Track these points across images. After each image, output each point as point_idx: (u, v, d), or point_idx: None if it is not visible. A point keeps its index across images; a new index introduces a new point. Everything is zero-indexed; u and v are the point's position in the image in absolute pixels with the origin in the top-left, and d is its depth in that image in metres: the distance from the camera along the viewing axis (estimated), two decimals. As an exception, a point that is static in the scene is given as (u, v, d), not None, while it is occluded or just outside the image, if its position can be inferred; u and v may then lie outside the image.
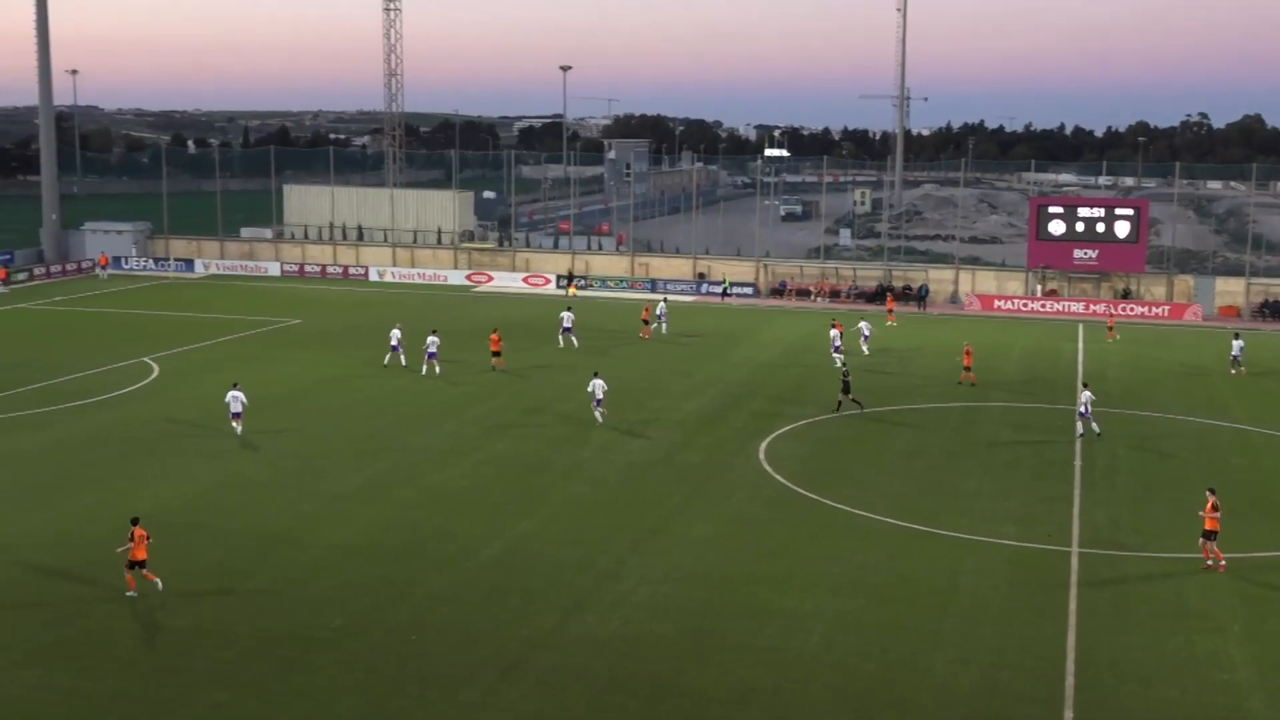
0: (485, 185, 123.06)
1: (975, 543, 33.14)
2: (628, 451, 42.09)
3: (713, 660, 25.61)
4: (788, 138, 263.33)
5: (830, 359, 56.68)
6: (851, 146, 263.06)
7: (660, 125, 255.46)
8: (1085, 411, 44.39)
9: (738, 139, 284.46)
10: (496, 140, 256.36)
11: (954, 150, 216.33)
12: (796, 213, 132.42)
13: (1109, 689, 24.61)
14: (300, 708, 23.36)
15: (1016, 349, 64.26)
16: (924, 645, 26.53)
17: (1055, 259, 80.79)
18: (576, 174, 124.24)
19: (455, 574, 30.24)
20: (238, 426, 42.58)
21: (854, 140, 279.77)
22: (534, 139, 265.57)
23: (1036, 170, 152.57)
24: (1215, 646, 26.69)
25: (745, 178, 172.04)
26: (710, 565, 31.19)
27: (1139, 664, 25.74)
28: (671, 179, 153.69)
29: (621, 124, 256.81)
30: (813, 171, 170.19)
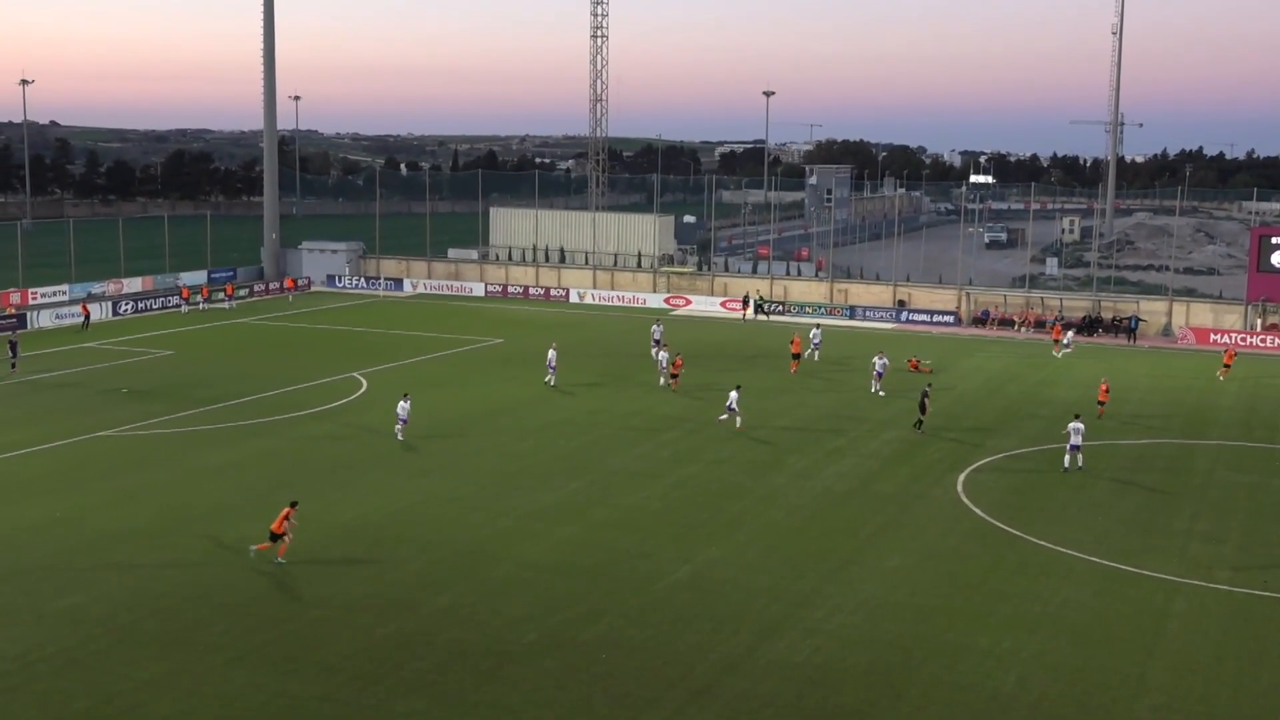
0: (685, 209, 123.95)
1: (1185, 585, 31.79)
2: (823, 479, 41.72)
3: (905, 694, 25.14)
4: (993, 164, 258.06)
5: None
6: (1060, 173, 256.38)
7: (862, 151, 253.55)
8: (1076, 443, 42.65)
9: (941, 165, 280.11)
10: (698, 165, 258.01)
11: (1170, 178, 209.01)
12: (1001, 240, 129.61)
13: (1329, 747, 23.30)
14: (491, 719, 23.78)
15: (1234, 384, 61.53)
16: (1127, 691, 25.54)
17: (1277, 292, 77.15)
18: (777, 199, 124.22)
19: (646, 595, 30.39)
20: (399, 433, 45.38)
21: (1063, 167, 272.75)
22: (735, 164, 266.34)
23: (1259, 199, 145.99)
24: None
25: (949, 204, 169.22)
26: (904, 597, 30.65)
27: (1363, 722, 24.31)
28: (873, 205, 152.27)
29: (823, 149, 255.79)
30: (1019, 199, 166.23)
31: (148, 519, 35.85)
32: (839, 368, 62.85)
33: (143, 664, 25.89)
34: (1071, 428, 42.78)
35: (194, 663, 25.98)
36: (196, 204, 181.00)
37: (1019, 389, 59.13)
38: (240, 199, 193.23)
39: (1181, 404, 55.49)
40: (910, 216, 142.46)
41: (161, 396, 53.04)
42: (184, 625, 28.00)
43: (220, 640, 27.16)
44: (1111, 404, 52.72)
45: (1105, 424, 50.17)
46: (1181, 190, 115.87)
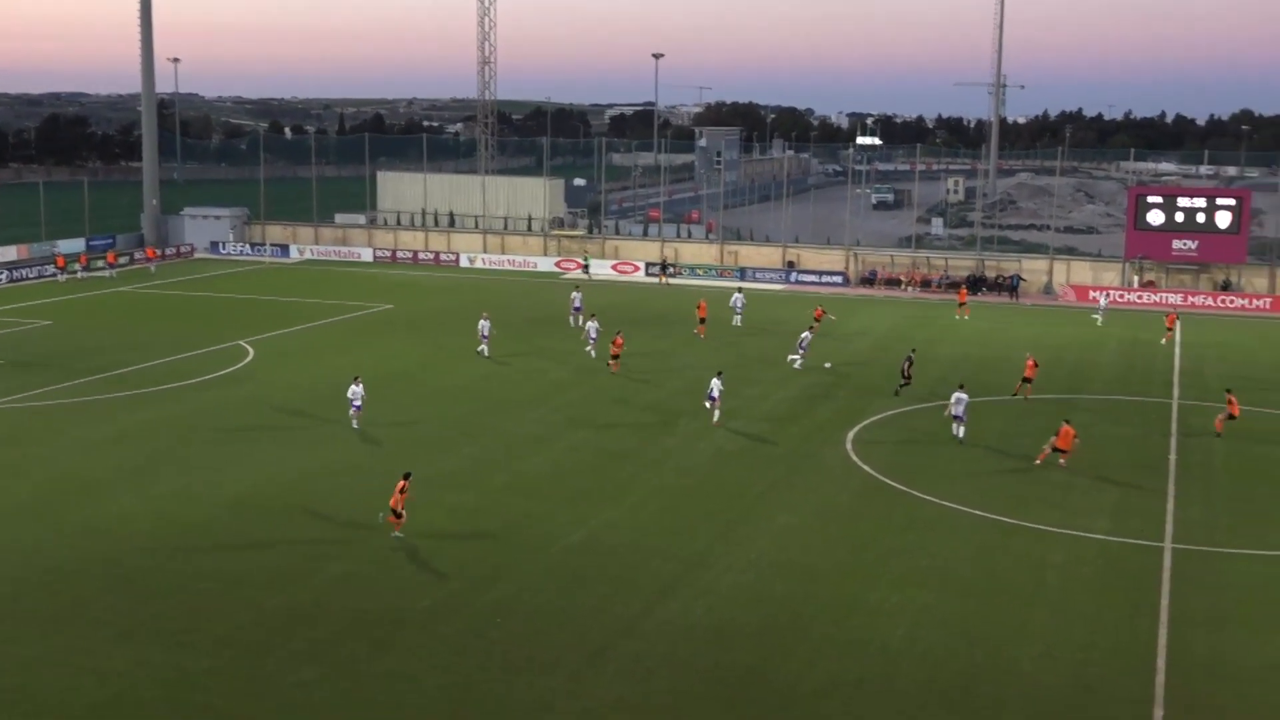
0: (576, 173, 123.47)
1: (1066, 536, 32.70)
2: (715, 440, 42.08)
3: (797, 651, 25.56)
4: (880, 126, 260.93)
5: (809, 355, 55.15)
6: (945, 135, 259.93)
7: (751, 113, 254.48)
8: (959, 413, 41.92)
9: (830, 127, 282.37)
10: (588, 128, 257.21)
11: (1050, 139, 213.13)
12: (888, 201, 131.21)
13: (1201, 689, 24.19)
14: (387, 687, 23.70)
15: (1112, 341, 63.20)
16: (1011, 640, 26.25)
17: (1153, 250, 79.32)
18: (667, 162, 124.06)
19: (542, 560, 30.47)
20: (355, 421, 42.53)
21: (948, 128, 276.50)
22: (625, 127, 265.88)
23: (1135, 159, 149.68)
24: (1313, 648, 26.12)
25: (837, 166, 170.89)
26: (796, 555, 31.12)
27: (1233, 664, 25.26)
28: (762, 167, 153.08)
29: (713, 112, 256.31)
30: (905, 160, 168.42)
31: (29, 493, 35.02)
32: (749, 333, 63.25)
33: (26, 641, 25.36)
34: (955, 398, 42.34)
35: (79, 639, 25.51)
36: (73, 170, 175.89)
37: (906, 348, 59.99)
38: (119, 164, 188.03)
39: (1062, 361, 56.84)
40: (799, 178, 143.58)
41: (41, 368, 51.70)
42: (68, 601, 27.46)
43: (106, 615, 26.68)
44: (994, 361, 53.83)
45: (990, 379, 51.23)
46: (1062, 151, 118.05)
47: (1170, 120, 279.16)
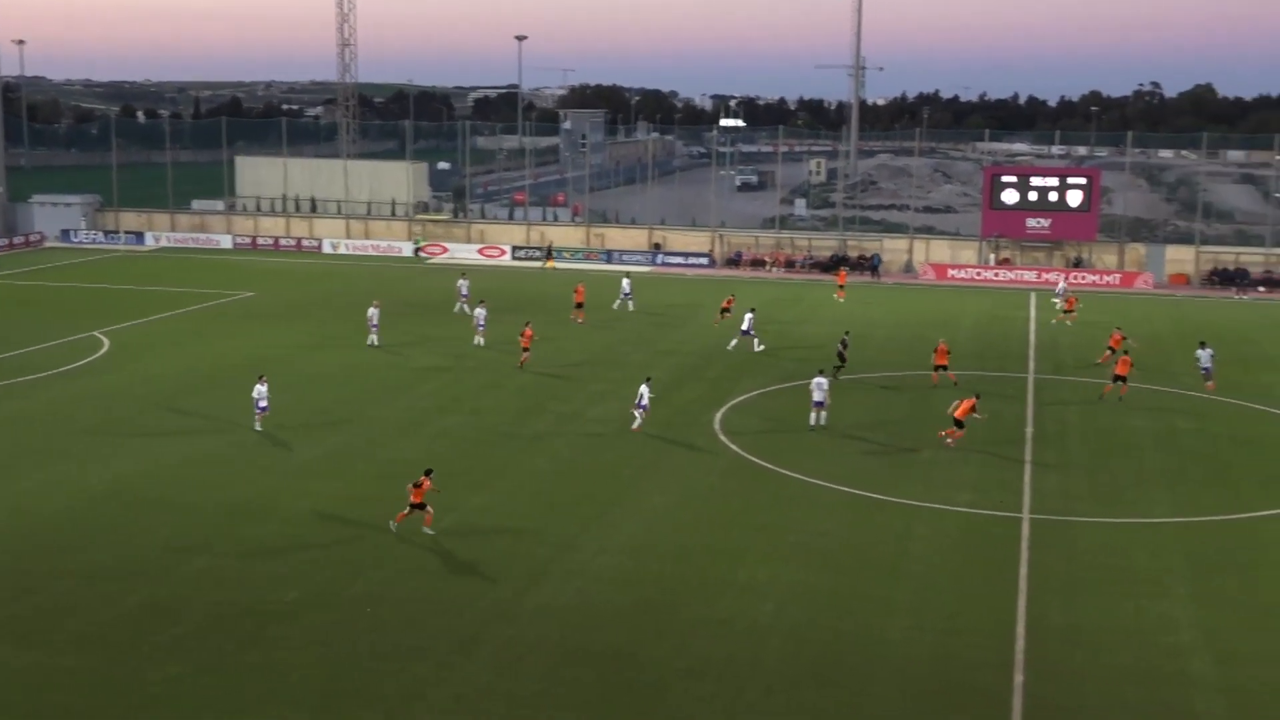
0: (440, 156, 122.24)
1: (929, 510, 33.43)
2: (584, 424, 42.14)
3: (668, 631, 25.76)
4: (743, 108, 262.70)
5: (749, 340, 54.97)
6: (807, 116, 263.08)
7: (616, 95, 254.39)
8: (819, 399, 41.31)
9: (694, 109, 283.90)
10: (451, 111, 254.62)
11: (909, 120, 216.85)
12: (752, 183, 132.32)
13: (1059, 653, 24.95)
14: (254, 681, 23.32)
15: (969, 318, 64.73)
16: (878, 613, 26.79)
17: (1008, 228, 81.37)
18: (532, 145, 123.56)
19: (412, 548, 30.21)
20: (258, 423, 40.32)
21: (809, 110, 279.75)
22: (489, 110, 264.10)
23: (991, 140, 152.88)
24: (1162, 610, 27.12)
25: (701, 148, 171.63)
26: (666, 536, 31.33)
27: (1088, 629, 26.11)
28: (627, 149, 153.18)
29: (577, 94, 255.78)
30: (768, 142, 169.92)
31: None
32: (624, 317, 63.36)
33: (-128, 648, 24.41)
34: (815, 383, 41.79)
35: (-70, 643, 24.62)
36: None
37: (772, 328, 60.75)
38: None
39: (923, 338, 57.98)
40: (664, 160, 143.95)
41: (-118, 364, 49.67)
42: (-83, 605, 26.49)
43: (-41, 618, 25.80)
44: (856, 340, 54.68)
45: (852, 358, 52.08)
46: (919, 132, 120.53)
47: (1023, 101, 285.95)
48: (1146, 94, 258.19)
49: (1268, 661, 24.74)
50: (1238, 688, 23.66)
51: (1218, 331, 59.73)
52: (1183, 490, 35.59)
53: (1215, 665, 24.55)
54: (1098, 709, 22.86)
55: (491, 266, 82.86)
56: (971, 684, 23.72)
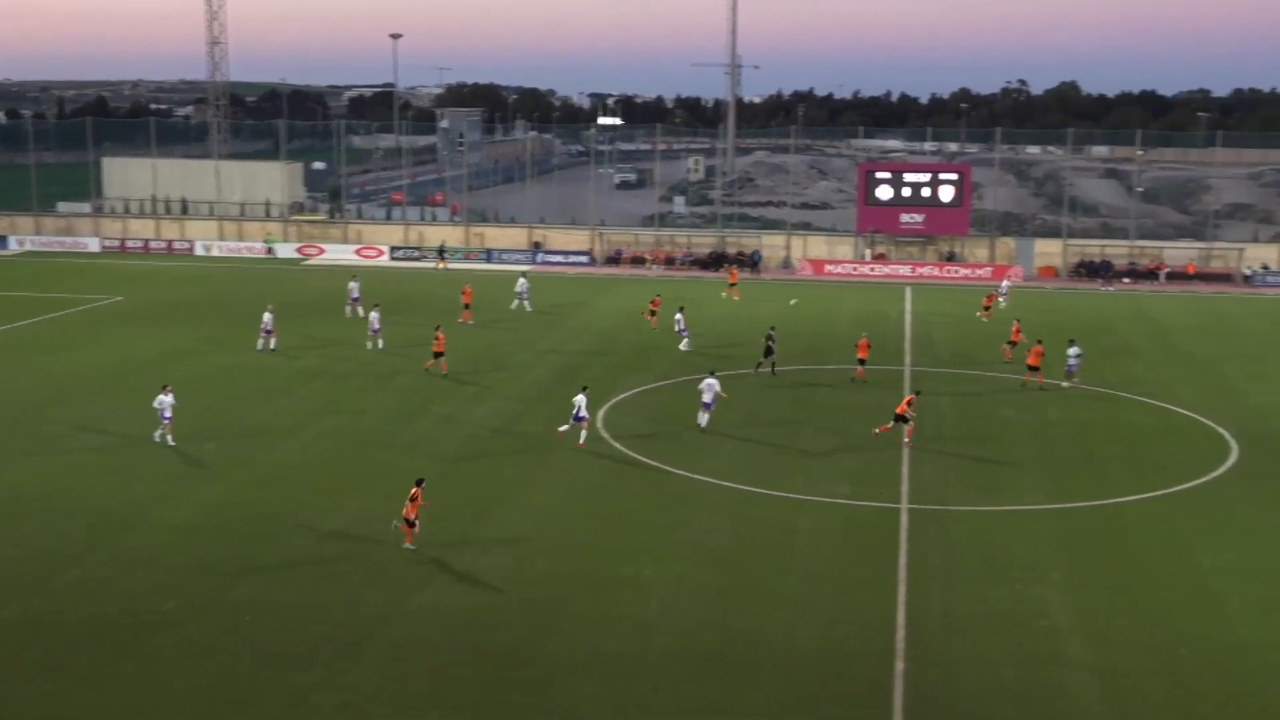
0: (315, 156, 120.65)
1: (810, 503, 33.87)
2: (468, 423, 41.91)
3: (555, 629, 25.77)
4: (621, 106, 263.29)
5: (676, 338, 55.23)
6: (685, 115, 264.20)
7: (493, 94, 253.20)
8: (708, 400, 40.89)
9: (571, 107, 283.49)
10: (325, 110, 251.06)
11: (785, 118, 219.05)
12: (631, 181, 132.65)
13: (938, 640, 25.48)
14: (133, 693, 22.81)
15: (846, 312, 65.68)
16: (763, 606, 27.08)
17: (883, 223, 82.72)
18: (409, 144, 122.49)
19: (293, 552, 29.79)
20: (168, 436, 38.53)
21: (687, 108, 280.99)
22: (364, 108, 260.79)
23: (865, 137, 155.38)
24: (1037, 595, 27.83)
25: (579, 146, 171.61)
26: (552, 535, 31.32)
27: (966, 615, 26.69)
28: (505, 148, 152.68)
29: (454, 93, 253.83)
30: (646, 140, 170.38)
31: None
32: (515, 316, 63.04)
33: None
34: (705, 384, 41.50)
35: None
36: None
37: (655, 325, 61.06)
38: None
39: (801, 335, 58.74)
40: (542, 159, 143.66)
41: None
42: None
43: None
44: (738, 335, 55.24)
45: (737, 353, 52.56)
46: (795, 129, 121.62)
47: (896, 99, 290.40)
48: (1014, 91, 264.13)
49: (1137, 642, 25.54)
50: (1109, 668, 24.39)
51: (1084, 322, 61.47)
52: (1054, 478, 36.55)
53: (1088, 647, 25.27)
54: (976, 693, 23.39)
55: (370, 267, 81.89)
56: (854, 673, 24.11)
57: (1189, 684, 23.78)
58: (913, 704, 22.88)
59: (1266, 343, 58.98)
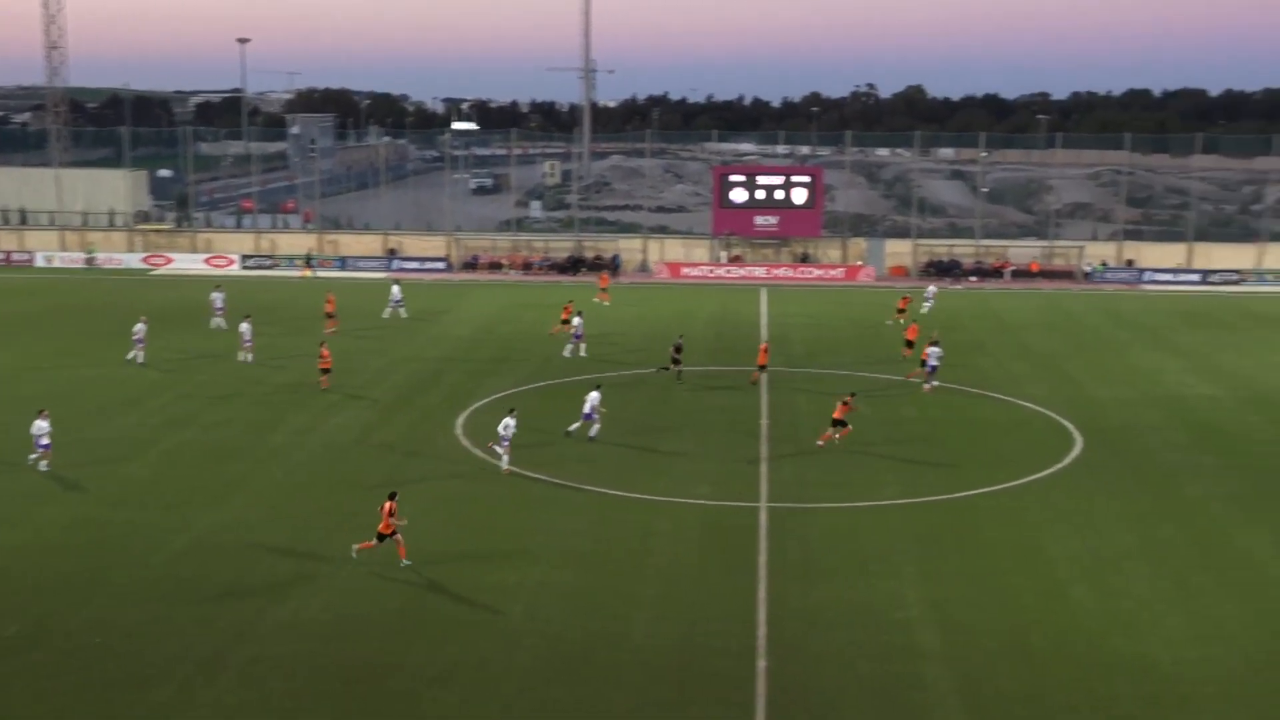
0: (160, 164, 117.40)
1: (671, 504, 34.10)
2: (324, 433, 41.30)
3: (418, 638, 25.54)
4: (476, 111, 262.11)
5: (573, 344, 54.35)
6: (540, 119, 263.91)
7: (345, 99, 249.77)
8: (588, 411, 40.61)
9: (425, 113, 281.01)
10: (171, 116, 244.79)
11: (640, 121, 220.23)
12: (487, 186, 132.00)
13: (798, 635, 25.86)
14: (-23, 723, 22.02)
15: (703, 314, 66.27)
16: (625, 608, 27.19)
17: (738, 226, 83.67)
18: (259, 150, 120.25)
19: (143, 571, 29.01)
20: (42, 463, 36.67)
21: (542, 113, 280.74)
22: (212, 114, 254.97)
23: (719, 140, 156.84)
24: (893, 588, 28.42)
25: (434, 152, 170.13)
26: (413, 544, 30.93)
27: (825, 610, 27.14)
28: (358, 154, 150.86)
29: (304, 98, 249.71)
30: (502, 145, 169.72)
31: None
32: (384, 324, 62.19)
33: None
34: (589, 397, 40.99)
35: None
36: None
37: (512, 330, 60.97)
38: None
39: (660, 336, 59.07)
40: (397, 165, 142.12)
41: None
42: None
43: None
44: (595, 338, 55.33)
45: (602, 351, 52.66)
46: (650, 133, 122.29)
47: (748, 103, 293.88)
48: (863, 95, 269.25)
49: (989, 631, 26.25)
50: (962, 657, 25.02)
51: (934, 320, 62.87)
52: (908, 473, 37.37)
53: (941, 637, 25.89)
54: (836, 686, 23.80)
55: (221, 276, 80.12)
56: (717, 671, 24.35)
57: (1039, 671, 24.51)
58: (774, 699, 23.19)
59: (1106, 337, 61.09)
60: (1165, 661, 24.91)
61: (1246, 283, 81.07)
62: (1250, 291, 78.85)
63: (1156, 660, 24.98)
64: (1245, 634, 26.15)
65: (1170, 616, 27.06)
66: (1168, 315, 68.00)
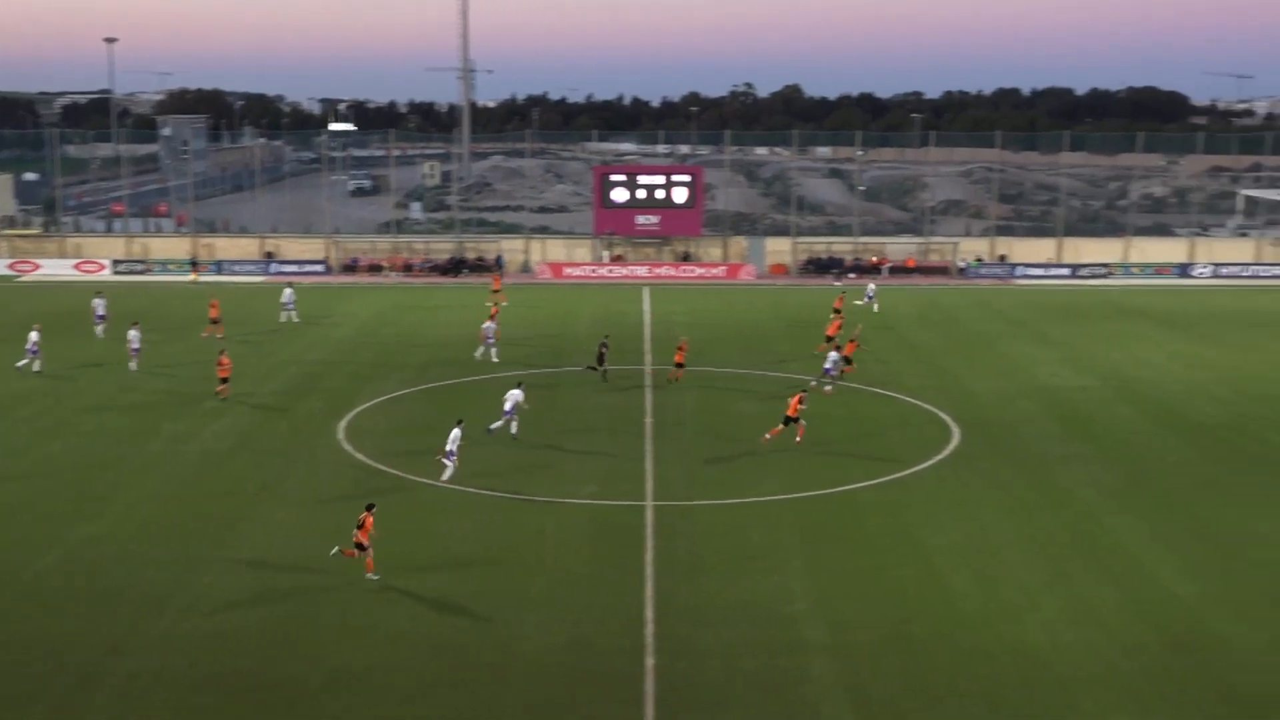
0: (26, 167, 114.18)
1: (558, 505, 34.03)
2: (202, 440, 40.47)
3: (302, 647, 25.15)
4: (353, 111, 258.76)
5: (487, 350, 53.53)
6: (419, 120, 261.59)
7: (218, 100, 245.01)
8: (508, 409, 40.62)
9: (301, 113, 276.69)
10: (36, 118, 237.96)
11: (520, 121, 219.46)
12: (366, 187, 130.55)
13: (686, 633, 25.97)
14: None
15: (586, 314, 66.28)
16: (514, 610, 27.06)
17: (620, 225, 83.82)
18: (129, 153, 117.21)
19: (11, 588, 28.12)
20: None
21: (421, 113, 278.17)
22: (80, 116, 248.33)
23: (599, 140, 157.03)
24: (778, 583, 28.69)
25: (311, 153, 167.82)
26: (295, 551, 30.54)
27: (712, 606, 27.31)
28: (233, 155, 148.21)
29: (176, 99, 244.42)
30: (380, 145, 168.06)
31: None
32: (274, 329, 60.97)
33: None
34: (510, 394, 40.88)
35: None
36: None
37: (394, 332, 60.37)
38: None
39: (545, 336, 59.06)
40: (273, 166, 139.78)
41: None
42: None
43: None
44: (476, 341, 54.99)
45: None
46: (530, 133, 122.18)
47: (628, 102, 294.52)
48: (741, 95, 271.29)
49: (871, 623, 26.63)
50: (847, 649, 25.35)
51: (816, 316, 63.61)
52: (792, 469, 37.73)
53: (827, 630, 26.21)
54: (724, 682, 23.96)
55: (94, 282, 78.07)
56: (606, 671, 24.36)
57: (921, 660, 24.94)
58: (664, 697, 23.27)
59: (981, 331, 62.38)
60: (1044, 646, 25.51)
61: (1114, 276, 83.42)
62: (1117, 285, 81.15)
63: (1035, 645, 25.57)
64: (1118, 618, 26.90)
65: (1048, 602, 27.72)
66: (1040, 309, 69.68)
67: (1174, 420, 44.19)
